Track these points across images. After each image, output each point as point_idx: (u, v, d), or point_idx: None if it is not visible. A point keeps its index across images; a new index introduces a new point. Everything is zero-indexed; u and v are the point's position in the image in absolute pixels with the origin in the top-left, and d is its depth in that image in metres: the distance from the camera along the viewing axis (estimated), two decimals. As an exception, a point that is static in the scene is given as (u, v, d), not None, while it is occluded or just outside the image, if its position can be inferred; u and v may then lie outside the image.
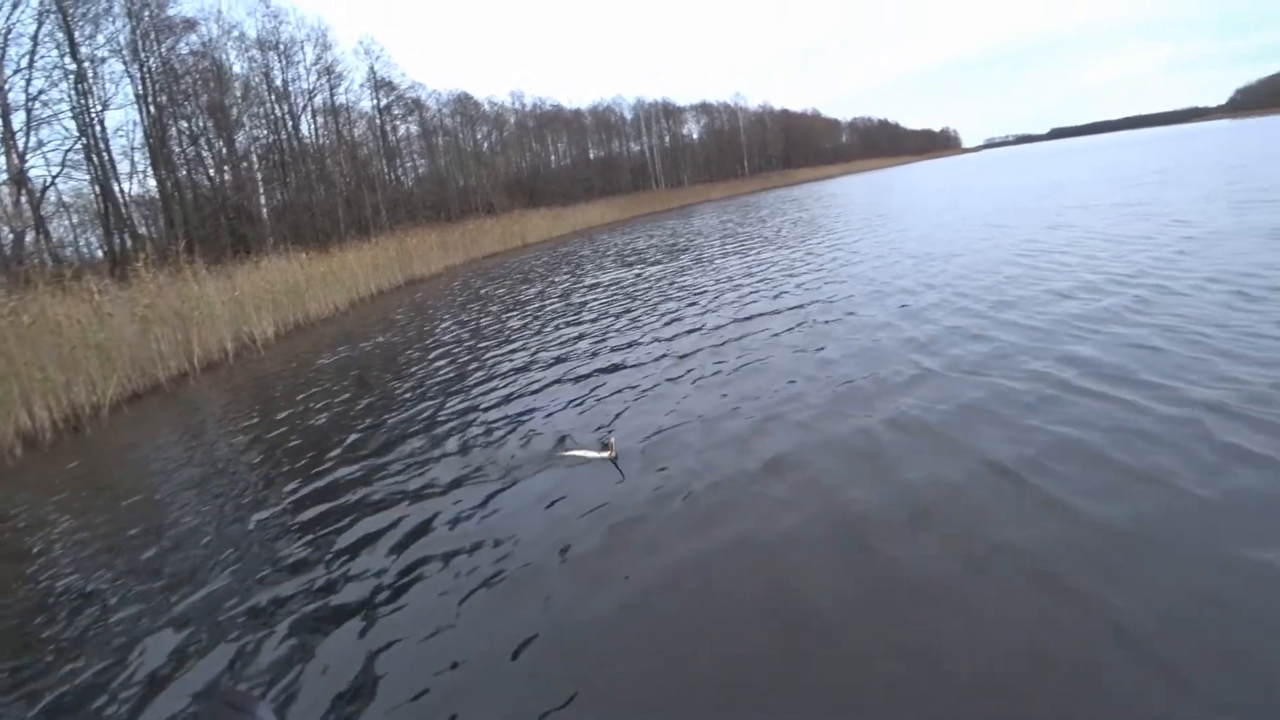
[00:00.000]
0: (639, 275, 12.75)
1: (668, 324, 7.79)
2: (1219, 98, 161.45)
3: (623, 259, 16.54)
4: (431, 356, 8.34)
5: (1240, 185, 12.88)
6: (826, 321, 6.62)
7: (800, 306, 7.53)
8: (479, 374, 6.92)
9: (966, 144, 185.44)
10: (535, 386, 6.01)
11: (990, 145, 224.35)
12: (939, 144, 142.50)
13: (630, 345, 7.04)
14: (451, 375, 7.12)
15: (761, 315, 7.40)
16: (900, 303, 6.92)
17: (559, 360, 6.89)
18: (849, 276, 9.04)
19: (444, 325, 10.75)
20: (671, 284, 10.95)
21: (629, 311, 9.06)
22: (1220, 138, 39.44)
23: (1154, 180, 16.55)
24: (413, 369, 7.83)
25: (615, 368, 6.21)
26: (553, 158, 51.13)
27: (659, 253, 16.59)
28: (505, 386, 6.21)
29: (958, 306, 6.37)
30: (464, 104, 42.38)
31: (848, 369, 4.98)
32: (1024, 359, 4.58)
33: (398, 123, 36.42)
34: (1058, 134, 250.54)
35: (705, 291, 9.64)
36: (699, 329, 7.24)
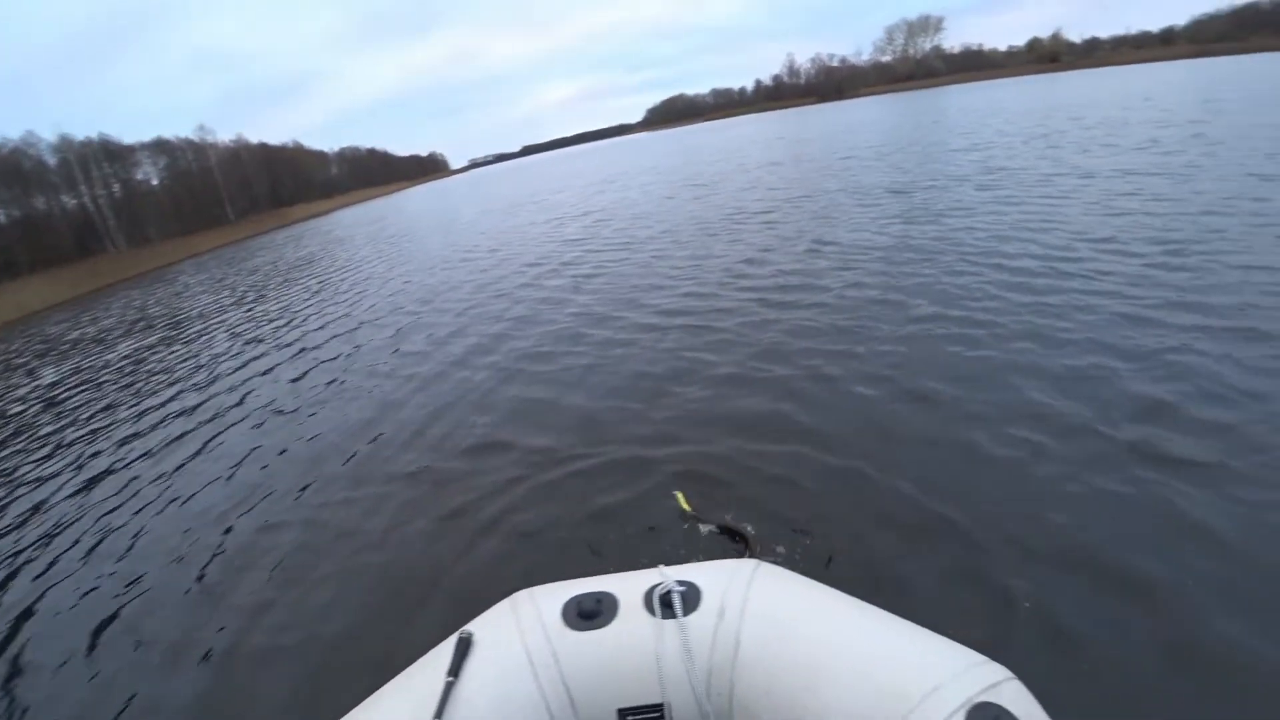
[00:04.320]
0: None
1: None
2: (637, 116, 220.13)
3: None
4: None
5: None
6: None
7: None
8: None
9: (455, 165, 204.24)
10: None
11: (474, 165, 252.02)
12: (430, 168, 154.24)
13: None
14: None
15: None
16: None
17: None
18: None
19: None
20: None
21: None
22: (643, 146, 60.92)
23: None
24: None
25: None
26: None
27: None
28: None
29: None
30: None
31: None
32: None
33: None
34: (529, 150, 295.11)
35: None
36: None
